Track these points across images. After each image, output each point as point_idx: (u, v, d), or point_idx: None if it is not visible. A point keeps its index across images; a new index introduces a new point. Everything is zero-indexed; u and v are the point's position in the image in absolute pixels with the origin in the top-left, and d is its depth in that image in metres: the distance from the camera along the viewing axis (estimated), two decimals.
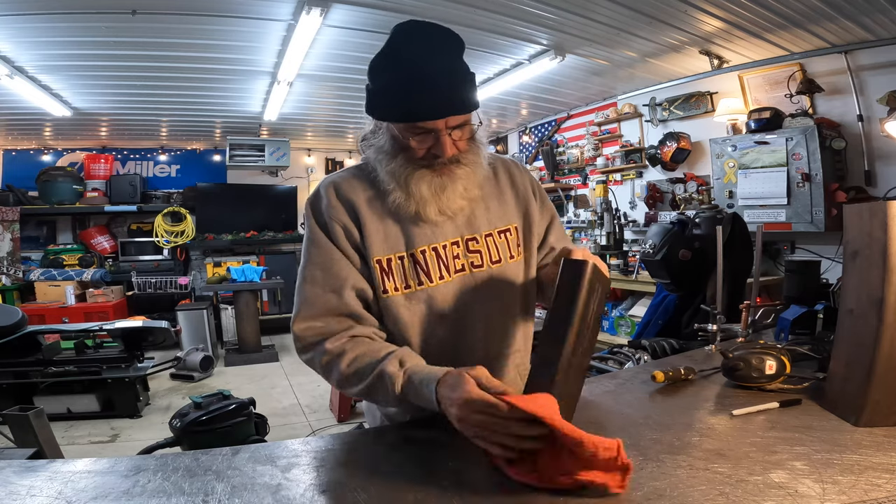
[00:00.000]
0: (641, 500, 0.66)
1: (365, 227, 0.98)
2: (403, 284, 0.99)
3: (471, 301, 1.02)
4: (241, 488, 0.71)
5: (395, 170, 0.96)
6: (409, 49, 0.89)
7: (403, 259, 0.99)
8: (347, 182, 1.02)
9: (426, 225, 1.00)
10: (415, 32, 0.91)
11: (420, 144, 0.92)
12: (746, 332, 1.52)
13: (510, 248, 1.06)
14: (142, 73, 3.98)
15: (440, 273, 1.00)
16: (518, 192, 1.11)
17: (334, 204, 0.99)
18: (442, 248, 1.01)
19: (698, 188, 4.26)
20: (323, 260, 0.98)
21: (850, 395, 0.89)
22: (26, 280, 5.47)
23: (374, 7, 3.05)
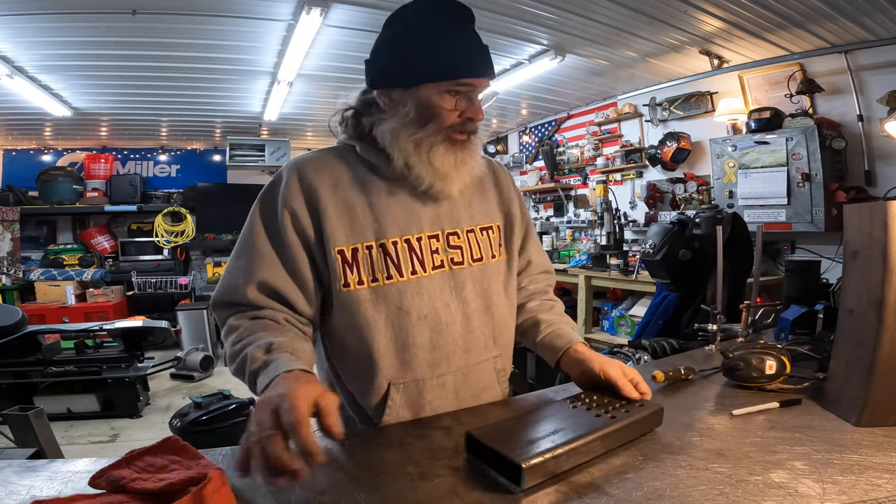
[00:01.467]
0: (641, 500, 0.66)
1: (325, 213, 0.91)
2: (370, 277, 0.91)
3: (449, 300, 0.96)
4: (241, 488, 0.71)
5: (422, 138, 0.90)
6: (436, 16, 0.89)
7: (371, 249, 0.92)
8: (315, 165, 0.95)
9: (406, 212, 0.94)
10: (432, 4, 0.90)
11: (453, 108, 0.89)
12: (746, 332, 1.52)
13: (492, 247, 1.02)
14: (142, 73, 3.98)
15: (412, 267, 0.93)
16: (501, 192, 1.08)
17: (292, 190, 0.92)
18: (416, 239, 0.94)
19: (698, 188, 4.26)
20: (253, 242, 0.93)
21: (850, 395, 0.89)
22: (26, 280, 5.47)
23: (374, 7, 3.05)
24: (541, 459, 0.70)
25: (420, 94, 0.89)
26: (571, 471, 0.74)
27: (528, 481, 0.68)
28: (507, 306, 1.05)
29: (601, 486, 0.70)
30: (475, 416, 0.98)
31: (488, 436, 0.75)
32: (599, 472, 0.74)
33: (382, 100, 0.94)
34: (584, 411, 0.84)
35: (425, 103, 0.89)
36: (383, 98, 0.94)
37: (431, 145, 0.90)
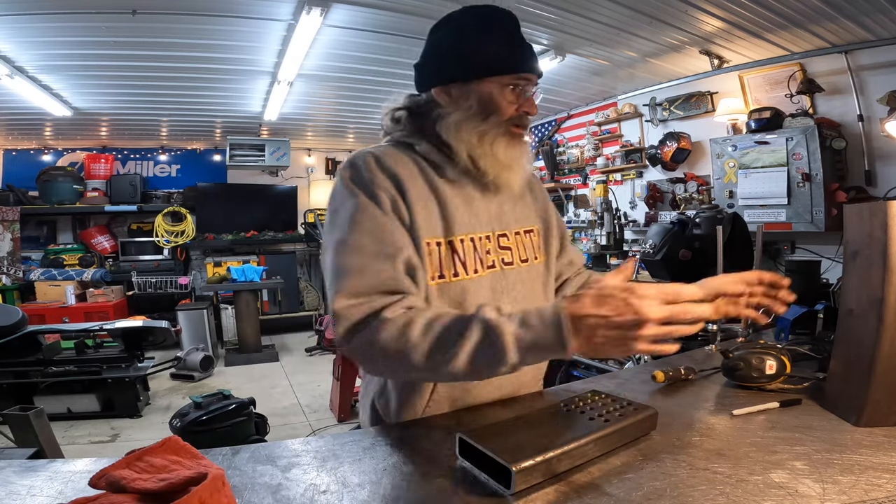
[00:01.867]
0: (641, 500, 0.66)
1: (412, 203, 0.89)
2: (438, 273, 0.91)
3: (500, 299, 0.98)
4: (241, 488, 0.71)
5: (486, 130, 0.93)
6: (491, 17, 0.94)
7: (441, 245, 0.92)
8: (391, 156, 0.93)
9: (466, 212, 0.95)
10: (484, 9, 0.95)
11: (512, 102, 0.93)
12: (746, 332, 1.52)
13: (534, 249, 1.06)
14: (142, 73, 3.98)
15: (475, 266, 0.95)
16: (536, 198, 1.12)
17: (377, 175, 0.89)
18: (478, 238, 0.96)
19: (698, 188, 4.26)
20: (372, 226, 0.85)
21: (850, 395, 0.89)
22: (26, 280, 5.47)
23: (374, 7, 3.06)
24: (531, 462, 0.69)
25: (482, 88, 0.93)
26: (571, 471, 0.74)
27: (519, 485, 0.68)
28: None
29: (601, 486, 0.70)
30: (475, 417, 0.98)
31: (479, 438, 0.75)
32: (599, 472, 0.74)
33: (442, 97, 0.96)
34: (578, 414, 0.84)
35: (487, 97, 0.93)
36: (442, 95, 0.96)
37: (494, 137, 0.93)
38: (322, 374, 4.55)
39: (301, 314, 6.59)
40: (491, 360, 0.74)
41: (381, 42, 3.54)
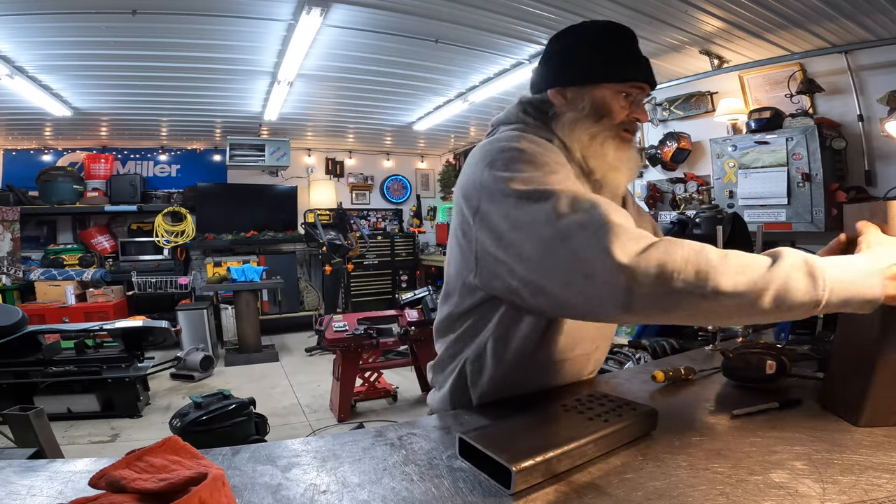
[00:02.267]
0: (641, 499, 0.66)
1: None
2: None
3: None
4: (241, 488, 0.71)
5: (596, 132, 0.98)
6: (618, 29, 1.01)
7: None
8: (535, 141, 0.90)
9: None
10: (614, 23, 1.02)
11: (624, 108, 0.98)
12: (746, 332, 1.52)
13: None
14: (142, 73, 3.98)
15: None
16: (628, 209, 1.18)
17: (545, 147, 0.88)
18: None
19: (698, 188, 4.26)
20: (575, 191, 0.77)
21: (850, 395, 0.89)
22: (26, 280, 5.47)
23: (374, 7, 3.06)
24: (531, 462, 0.69)
25: (596, 93, 0.98)
26: (571, 471, 0.74)
27: (519, 485, 0.68)
28: None
29: (601, 486, 0.70)
30: (475, 417, 0.98)
31: (480, 438, 0.75)
32: (599, 472, 0.74)
33: (556, 98, 1.01)
34: (578, 414, 0.84)
35: (600, 101, 0.98)
36: (557, 97, 1.01)
37: (605, 139, 0.98)
38: (322, 374, 4.55)
39: (301, 314, 6.59)
40: (805, 291, 0.68)
41: (381, 42, 3.54)
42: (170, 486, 0.60)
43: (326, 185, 7.24)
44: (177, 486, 0.60)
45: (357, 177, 7.41)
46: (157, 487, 0.61)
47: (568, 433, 0.77)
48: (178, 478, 0.61)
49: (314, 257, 7.02)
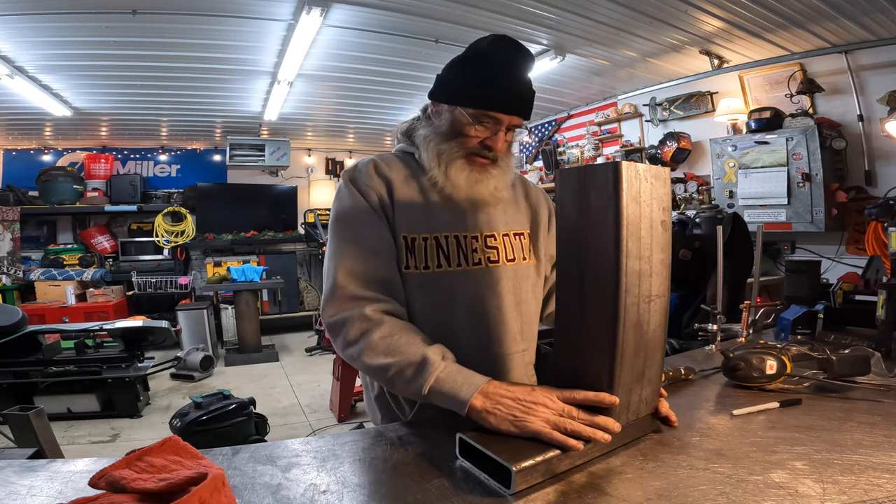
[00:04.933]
0: (641, 500, 0.66)
1: (396, 203, 1.03)
2: (423, 264, 1.02)
3: (485, 294, 1.05)
4: (241, 488, 0.71)
5: (443, 151, 1.02)
6: (500, 53, 1.00)
7: (427, 240, 1.03)
8: (386, 161, 1.08)
9: (452, 213, 1.05)
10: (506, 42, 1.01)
11: (478, 133, 1.01)
12: (747, 332, 1.52)
13: (523, 250, 1.12)
14: (142, 73, 3.98)
15: (458, 260, 1.04)
16: (530, 203, 1.19)
17: (373, 177, 1.04)
18: (463, 237, 1.05)
19: (698, 188, 4.26)
20: (364, 222, 1.01)
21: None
22: (26, 280, 5.47)
23: (374, 7, 3.06)
24: (531, 462, 0.70)
25: (456, 113, 1.01)
26: (571, 471, 0.74)
27: (519, 484, 0.68)
28: (534, 305, 1.15)
29: (601, 486, 0.70)
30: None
31: (480, 438, 0.75)
32: (599, 472, 0.74)
33: (432, 109, 1.07)
34: None
35: (457, 123, 1.01)
36: (433, 108, 1.07)
37: (450, 159, 1.02)
38: (322, 374, 4.55)
39: (301, 314, 6.59)
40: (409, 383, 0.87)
41: (381, 42, 3.54)
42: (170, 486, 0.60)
43: (326, 185, 7.24)
44: (177, 486, 0.60)
45: None
46: (157, 487, 0.61)
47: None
48: (179, 478, 0.61)
49: (314, 257, 7.02)
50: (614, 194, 0.74)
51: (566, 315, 0.83)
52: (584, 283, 0.79)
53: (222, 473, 0.61)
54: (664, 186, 0.80)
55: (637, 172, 0.76)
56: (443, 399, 0.84)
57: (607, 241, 0.75)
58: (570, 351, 0.83)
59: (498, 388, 0.81)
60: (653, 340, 0.81)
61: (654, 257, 0.79)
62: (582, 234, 0.79)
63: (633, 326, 0.77)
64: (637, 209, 0.76)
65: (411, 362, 0.87)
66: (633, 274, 0.76)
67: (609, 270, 0.75)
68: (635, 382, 0.80)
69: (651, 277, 0.79)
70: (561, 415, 0.77)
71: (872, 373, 1.11)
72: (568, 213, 0.81)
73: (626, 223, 0.74)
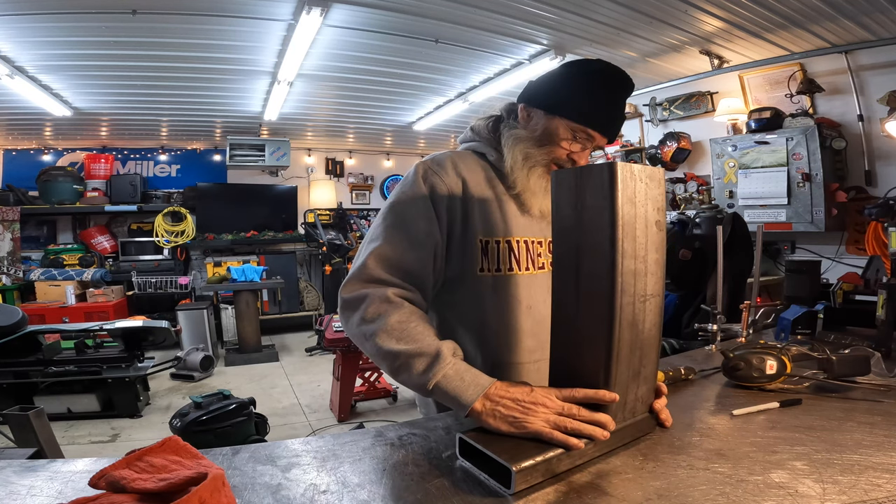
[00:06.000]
0: (641, 500, 0.66)
1: (471, 204, 1.05)
2: (495, 267, 1.06)
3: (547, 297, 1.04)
4: (241, 488, 0.71)
5: (531, 154, 1.05)
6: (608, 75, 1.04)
7: (500, 243, 1.07)
8: (464, 159, 1.09)
9: (523, 217, 1.09)
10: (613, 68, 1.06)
11: (568, 147, 1.04)
12: (747, 332, 1.52)
13: None
14: (142, 73, 3.98)
15: (527, 264, 1.08)
16: None
17: (449, 173, 1.05)
18: (531, 242, 1.09)
19: (698, 188, 4.26)
20: (416, 215, 1.02)
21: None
22: (26, 280, 5.47)
23: (374, 7, 3.06)
24: (532, 462, 0.69)
25: (552, 122, 1.04)
26: (571, 471, 0.74)
27: (519, 484, 0.68)
28: None
29: (601, 486, 0.70)
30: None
31: (480, 438, 0.75)
32: (599, 472, 0.74)
33: (522, 113, 1.10)
34: None
35: (551, 130, 1.04)
36: (524, 112, 1.10)
37: (535, 163, 1.05)
38: (322, 374, 4.55)
39: (301, 314, 6.59)
40: (417, 374, 0.88)
41: (381, 42, 3.54)
42: (170, 486, 0.60)
43: (326, 185, 7.24)
44: (177, 486, 0.60)
45: (357, 177, 7.41)
46: (157, 487, 0.61)
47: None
48: (179, 478, 0.61)
49: (314, 257, 7.01)
50: (610, 195, 0.74)
51: (562, 314, 0.83)
52: (579, 283, 0.80)
53: (222, 473, 0.61)
54: (659, 187, 0.80)
55: (632, 173, 0.76)
56: (445, 397, 0.85)
57: (603, 241, 0.76)
58: (566, 350, 0.83)
59: (499, 388, 0.82)
60: (648, 339, 0.82)
61: (648, 257, 0.79)
62: (578, 234, 0.80)
63: (629, 325, 0.78)
64: (632, 209, 0.76)
65: (424, 353, 0.87)
66: (629, 273, 0.76)
67: (605, 270, 0.76)
68: (631, 381, 0.81)
69: (646, 277, 0.79)
70: (561, 413, 0.77)
71: (872, 373, 1.11)
72: (564, 213, 0.82)
73: (621, 223, 0.74)
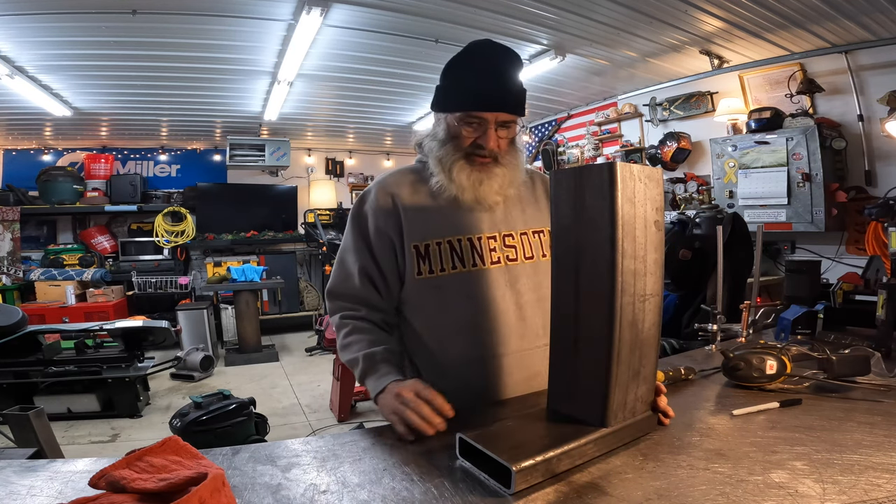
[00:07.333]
0: (641, 500, 0.66)
1: (405, 214, 1.10)
2: (439, 267, 1.09)
3: (505, 291, 1.10)
4: (241, 488, 0.71)
5: (443, 156, 1.08)
6: (477, 56, 1.06)
7: (441, 244, 1.09)
8: (395, 179, 1.16)
9: (465, 216, 1.10)
10: (484, 45, 1.07)
11: (469, 134, 1.06)
12: (747, 332, 1.52)
13: (543, 248, 1.16)
14: (142, 73, 3.98)
15: (474, 261, 1.09)
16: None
17: (378, 197, 1.13)
18: (477, 239, 1.10)
19: (699, 188, 4.26)
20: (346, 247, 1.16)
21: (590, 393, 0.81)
22: (26, 280, 5.46)
23: (374, 7, 3.05)
24: (532, 462, 0.69)
25: (448, 119, 1.08)
26: (571, 470, 0.74)
27: (519, 484, 0.68)
28: None
29: (601, 485, 0.70)
30: (475, 417, 0.98)
31: (480, 438, 0.75)
32: (599, 472, 0.74)
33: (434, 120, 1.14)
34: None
35: (448, 127, 1.09)
36: (435, 119, 1.14)
37: (452, 162, 1.08)
38: (322, 374, 4.55)
39: (301, 314, 6.59)
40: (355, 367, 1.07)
41: (381, 42, 3.54)
42: (170, 486, 0.60)
43: (326, 185, 7.23)
44: (177, 486, 0.60)
45: (357, 177, 7.40)
46: (157, 487, 0.61)
47: (568, 433, 0.77)
48: (179, 478, 0.61)
49: (314, 257, 7.01)
50: (609, 195, 0.75)
51: (562, 314, 0.84)
52: (579, 283, 0.80)
53: (222, 473, 0.61)
54: (657, 187, 0.81)
55: (631, 173, 0.76)
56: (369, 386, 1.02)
57: (603, 240, 0.76)
58: (566, 350, 0.83)
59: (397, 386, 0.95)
60: (647, 339, 0.82)
61: (648, 257, 0.79)
62: (577, 234, 0.80)
63: (629, 325, 0.78)
64: (632, 209, 0.76)
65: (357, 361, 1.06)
66: (629, 273, 0.77)
67: (605, 270, 0.76)
68: (631, 380, 0.81)
69: (645, 277, 0.79)
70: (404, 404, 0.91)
71: (872, 373, 1.11)
72: (563, 213, 0.82)
73: (621, 223, 0.75)
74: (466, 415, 1.00)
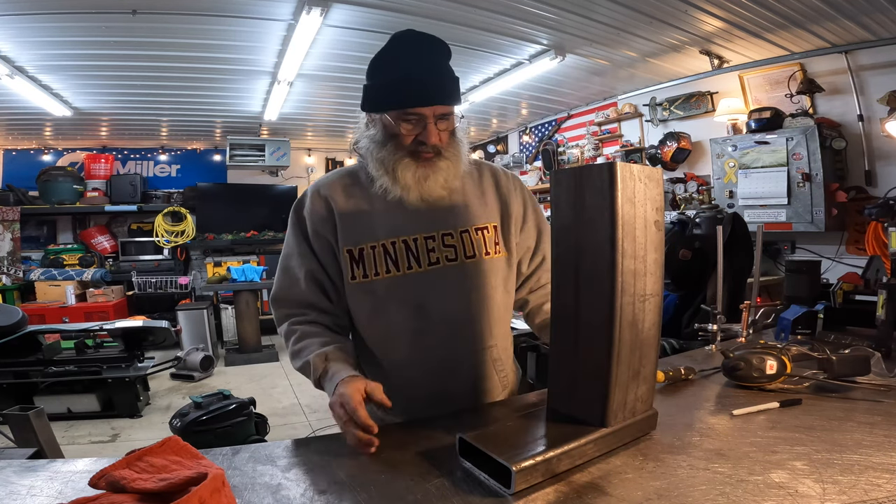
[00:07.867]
0: (641, 500, 0.66)
1: (339, 219, 1.07)
2: (373, 272, 1.05)
3: (445, 293, 1.06)
4: (241, 488, 0.71)
5: (384, 157, 1.03)
6: (405, 50, 1.02)
7: (375, 248, 1.06)
8: (329, 182, 1.12)
9: (404, 217, 1.06)
10: (409, 37, 1.03)
11: (409, 132, 1.01)
12: (747, 332, 1.52)
13: (486, 245, 1.10)
14: (142, 73, 3.97)
15: (409, 263, 1.06)
16: (500, 195, 1.16)
17: (313, 201, 1.10)
18: (413, 241, 1.06)
19: (698, 188, 4.26)
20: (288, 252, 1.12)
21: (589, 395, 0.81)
22: (26, 280, 5.47)
23: (374, 7, 3.05)
24: (532, 462, 0.70)
25: (383, 119, 1.03)
26: (571, 471, 0.74)
27: (519, 484, 0.68)
28: (504, 299, 1.13)
29: (601, 486, 0.70)
30: (475, 417, 0.98)
31: (480, 438, 0.75)
32: (599, 472, 0.74)
33: (367, 120, 1.09)
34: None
35: (385, 127, 1.03)
36: (368, 119, 1.09)
37: (394, 161, 1.03)
38: None
39: None
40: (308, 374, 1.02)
41: (381, 42, 3.48)
42: (170, 486, 0.60)
43: None
44: (177, 486, 0.60)
45: None
46: (157, 487, 0.61)
47: (568, 433, 0.77)
48: (179, 478, 0.61)
49: None
50: (609, 195, 0.74)
51: (562, 315, 0.83)
52: (579, 283, 0.80)
53: (222, 473, 0.61)
54: (657, 187, 0.81)
55: (631, 173, 0.76)
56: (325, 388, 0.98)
57: (603, 241, 0.76)
58: (566, 350, 0.83)
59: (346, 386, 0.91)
60: (647, 339, 0.82)
61: (648, 257, 0.79)
62: (577, 234, 0.80)
63: (629, 325, 0.78)
64: (632, 209, 0.76)
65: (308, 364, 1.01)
66: (629, 273, 0.77)
67: (605, 270, 0.76)
68: (631, 380, 0.81)
69: (645, 277, 0.79)
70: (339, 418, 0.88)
71: (872, 373, 1.11)
72: (563, 213, 0.82)
73: (621, 223, 0.75)
74: (466, 416, 1.00)
